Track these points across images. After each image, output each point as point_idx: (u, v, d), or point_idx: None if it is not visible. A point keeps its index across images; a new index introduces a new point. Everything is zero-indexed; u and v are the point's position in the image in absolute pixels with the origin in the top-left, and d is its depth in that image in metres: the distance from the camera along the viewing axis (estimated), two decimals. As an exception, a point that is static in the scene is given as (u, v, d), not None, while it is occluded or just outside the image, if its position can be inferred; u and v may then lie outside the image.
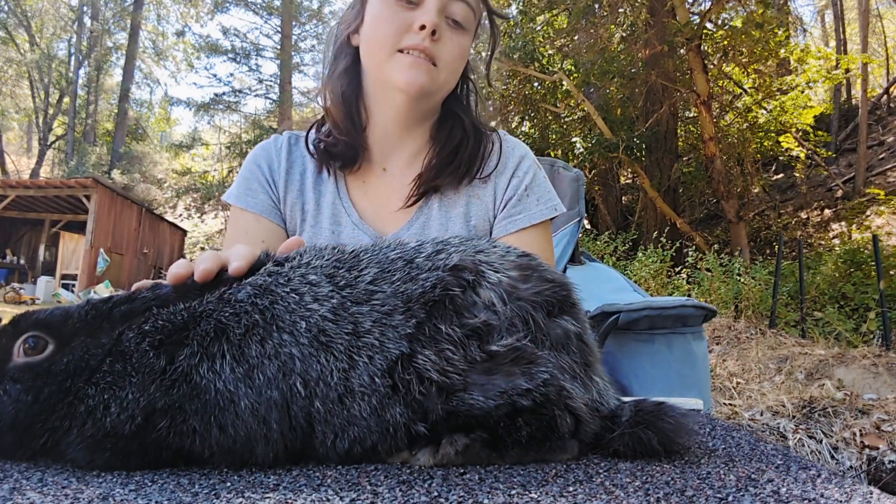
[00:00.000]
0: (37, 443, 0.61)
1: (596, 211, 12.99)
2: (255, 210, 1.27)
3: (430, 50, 1.14)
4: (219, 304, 0.65)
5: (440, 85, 1.19)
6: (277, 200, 1.29)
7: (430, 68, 1.15)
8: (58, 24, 27.84)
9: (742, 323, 6.67)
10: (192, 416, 0.61)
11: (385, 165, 1.30)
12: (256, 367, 0.62)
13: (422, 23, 1.12)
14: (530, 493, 0.54)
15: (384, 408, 0.63)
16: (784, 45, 10.57)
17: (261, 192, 1.28)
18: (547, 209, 1.29)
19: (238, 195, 1.28)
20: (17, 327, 0.63)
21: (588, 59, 10.69)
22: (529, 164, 1.33)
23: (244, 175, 1.31)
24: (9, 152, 28.99)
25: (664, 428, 0.69)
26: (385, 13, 1.16)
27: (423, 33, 1.12)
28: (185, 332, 0.63)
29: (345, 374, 0.63)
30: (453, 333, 0.65)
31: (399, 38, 1.14)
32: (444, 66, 1.17)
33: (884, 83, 17.76)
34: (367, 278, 0.70)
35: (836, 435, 3.00)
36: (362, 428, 0.63)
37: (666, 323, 1.72)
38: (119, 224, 16.07)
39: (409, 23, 1.14)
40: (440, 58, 1.16)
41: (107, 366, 0.61)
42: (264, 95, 24.68)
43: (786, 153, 11.61)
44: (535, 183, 1.31)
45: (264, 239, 1.25)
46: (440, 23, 1.14)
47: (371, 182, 1.29)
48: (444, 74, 1.18)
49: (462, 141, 1.26)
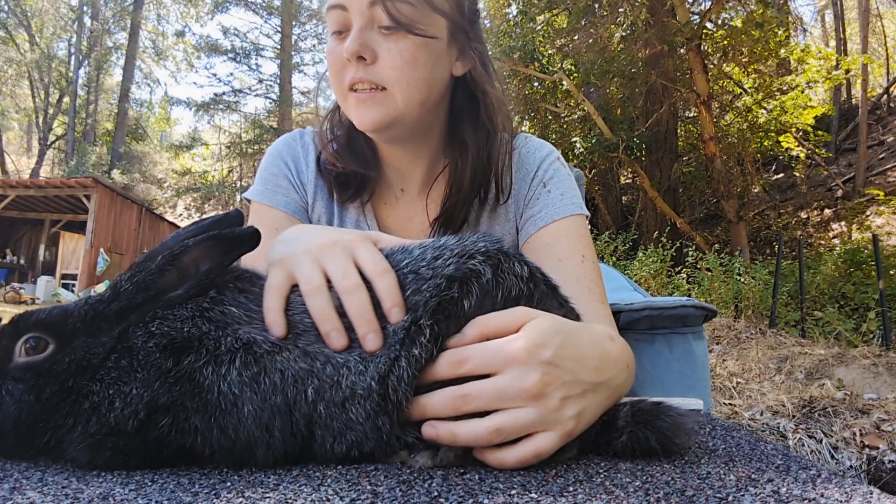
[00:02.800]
0: (39, 442, 0.61)
1: (596, 211, 12.99)
2: (288, 210, 1.18)
3: (369, 79, 1.00)
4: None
5: (401, 109, 1.03)
6: (306, 204, 1.21)
7: (377, 98, 1.02)
8: (58, 24, 27.84)
9: (742, 323, 6.67)
10: (193, 415, 0.61)
11: (402, 187, 1.22)
12: (264, 372, 0.63)
13: (345, 55, 0.99)
14: (530, 493, 0.54)
15: (377, 414, 0.63)
16: (784, 45, 10.57)
17: (292, 190, 1.20)
18: (573, 204, 1.16)
19: (265, 192, 1.19)
20: (17, 328, 0.63)
21: (588, 59, 10.68)
22: (551, 162, 1.22)
23: (270, 171, 1.21)
24: (9, 152, 28.99)
25: (662, 427, 0.69)
26: (328, 52, 1.05)
27: (353, 64, 1.00)
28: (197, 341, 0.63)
29: (353, 379, 0.64)
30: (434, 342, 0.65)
31: (342, 78, 1.03)
32: (395, 84, 1.01)
33: (884, 83, 17.76)
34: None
35: (836, 435, 3.00)
36: (359, 433, 0.63)
37: (666, 323, 1.72)
38: (119, 224, 16.07)
39: (343, 57, 1.01)
40: (385, 80, 1.00)
41: (111, 362, 0.62)
42: (264, 95, 24.68)
43: (786, 153, 11.60)
44: (557, 178, 1.19)
45: None
46: (368, 43, 0.99)
47: (392, 203, 1.23)
48: (400, 94, 1.01)
49: (466, 163, 1.13)
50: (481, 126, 1.14)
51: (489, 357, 0.62)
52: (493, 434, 0.61)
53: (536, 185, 1.19)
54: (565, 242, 1.13)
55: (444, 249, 0.71)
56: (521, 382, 0.61)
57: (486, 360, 0.62)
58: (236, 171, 25.16)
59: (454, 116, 1.16)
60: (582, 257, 1.12)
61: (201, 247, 0.65)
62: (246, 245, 0.69)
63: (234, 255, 0.69)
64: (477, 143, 1.13)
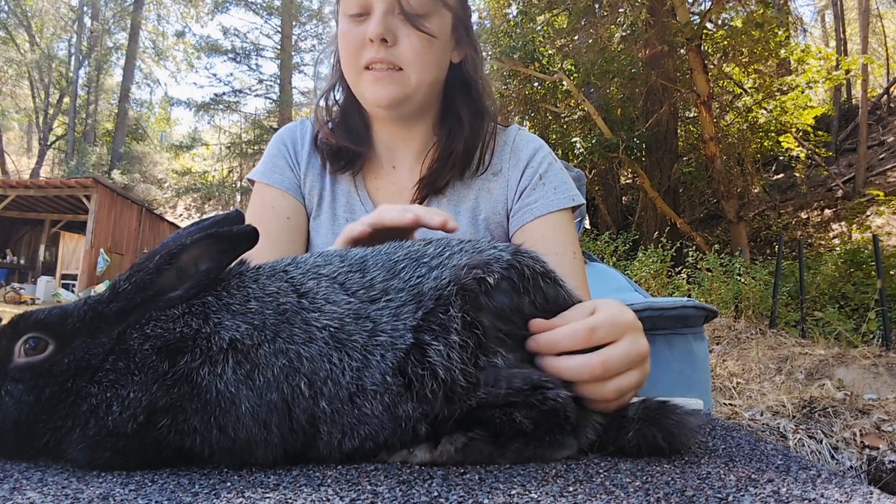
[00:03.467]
0: (39, 442, 0.61)
1: (596, 211, 13.00)
2: (282, 187, 1.29)
3: (389, 59, 1.13)
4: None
5: (414, 87, 1.16)
6: (299, 179, 1.31)
7: (395, 77, 1.14)
8: (58, 24, 27.85)
9: (742, 323, 6.67)
10: (192, 416, 0.61)
11: (394, 163, 1.31)
12: (259, 369, 0.62)
13: (369, 36, 1.11)
14: (530, 493, 0.54)
15: (396, 404, 0.63)
16: (784, 45, 10.58)
17: (287, 169, 1.31)
18: (565, 198, 1.25)
19: (265, 172, 1.31)
20: (16, 328, 0.63)
21: (588, 59, 10.68)
22: (544, 155, 1.30)
23: (270, 153, 1.33)
24: (9, 152, 28.99)
25: (668, 425, 0.70)
26: (343, 33, 1.16)
27: (375, 45, 1.11)
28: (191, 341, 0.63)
29: (357, 373, 0.64)
30: (463, 326, 0.65)
31: (359, 57, 1.14)
32: (410, 66, 1.14)
33: (884, 83, 17.77)
34: (378, 278, 0.71)
35: (836, 435, 3.00)
36: (374, 426, 0.63)
37: (667, 323, 1.72)
38: (119, 224, 16.07)
39: (363, 37, 1.13)
40: (403, 61, 1.13)
41: (109, 364, 0.62)
42: (264, 95, 24.67)
43: (786, 153, 11.60)
44: (551, 172, 1.28)
45: (289, 216, 1.28)
46: (390, 27, 1.11)
47: (383, 178, 1.31)
48: (415, 75, 1.15)
49: (460, 138, 1.25)
50: (474, 107, 1.27)
51: (614, 327, 0.72)
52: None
53: (531, 174, 1.27)
54: (560, 237, 1.23)
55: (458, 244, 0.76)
56: (638, 346, 0.73)
57: (612, 329, 0.72)
58: (236, 172, 25.17)
59: (447, 98, 1.28)
60: (573, 254, 1.23)
61: (199, 245, 0.65)
62: (244, 243, 0.68)
63: (232, 254, 0.69)
64: (471, 120, 1.25)
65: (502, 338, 0.67)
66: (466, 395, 0.64)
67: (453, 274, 0.69)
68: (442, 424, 0.64)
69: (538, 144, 1.33)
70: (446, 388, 0.63)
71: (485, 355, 0.65)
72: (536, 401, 0.65)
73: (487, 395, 0.64)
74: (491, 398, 0.64)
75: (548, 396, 0.65)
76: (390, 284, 0.70)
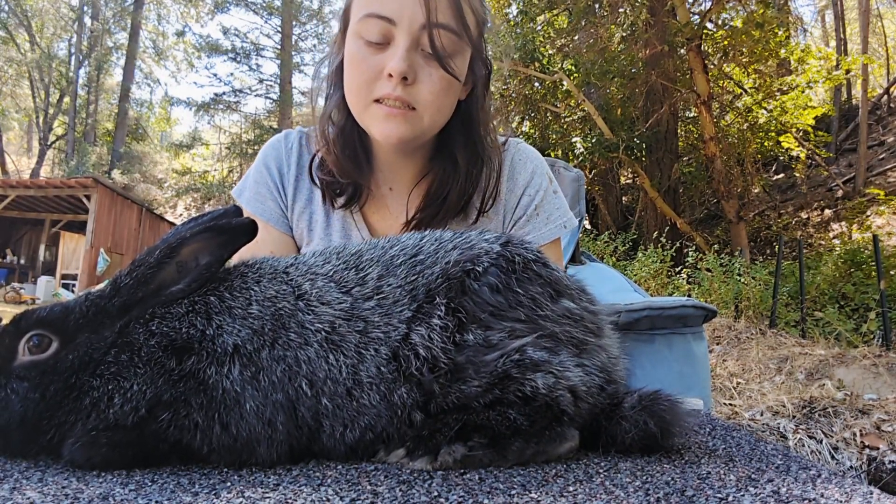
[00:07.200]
0: (44, 439, 0.61)
1: (596, 211, 12.98)
2: (264, 217, 1.25)
3: (404, 97, 1.04)
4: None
5: (426, 129, 1.09)
6: (285, 208, 1.26)
7: (408, 116, 1.06)
8: (58, 24, 27.82)
9: (742, 323, 6.67)
10: (196, 411, 0.62)
11: (391, 185, 1.27)
12: (263, 372, 0.64)
13: (389, 71, 1.01)
14: (530, 493, 0.54)
15: (391, 392, 0.66)
16: (784, 45, 10.56)
17: (269, 198, 1.25)
18: (556, 227, 1.25)
19: (249, 198, 1.26)
20: (19, 326, 0.63)
21: (588, 59, 10.67)
22: (541, 181, 1.27)
23: (254, 178, 1.28)
24: (9, 152, 28.98)
25: (660, 411, 0.71)
26: (357, 58, 1.06)
27: (394, 81, 1.02)
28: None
29: (353, 369, 0.66)
30: (447, 312, 0.68)
31: (371, 88, 1.05)
32: (426, 107, 1.06)
33: (884, 83, 17.75)
34: (373, 275, 0.74)
35: (836, 435, 3.00)
36: (372, 416, 0.65)
37: (666, 323, 1.72)
38: (119, 224, 16.06)
39: (380, 68, 1.03)
40: (419, 101, 1.05)
41: (112, 357, 0.62)
42: (264, 95, 24.66)
43: (786, 153, 11.60)
44: (546, 201, 1.26)
45: (273, 249, 1.24)
46: (412, 64, 1.02)
47: (379, 200, 1.27)
48: (429, 117, 1.07)
49: (455, 183, 1.18)
50: (471, 150, 1.19)
51: None
52: None
53: (527, 204, 1.26)
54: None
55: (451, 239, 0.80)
56: None
57: None
58: (236, 171, 25.15)
59: (446, 129, 1.20)
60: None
61: (198, 239, 0.66)
62: (243, 236, 0.69)
63: (232, 247, 0.69)
64: (467, 165, 1.18)
65: (486, 318, 0.69)
66: (448, 378, 0.67)
67: (444, 270, 0.72)
68: (438, 428, 0.65)
69: (535, 165, 1.29)
70: (428, 364, 0.66)
71: (460, 334, 0.69)
72: (516, 397, 0.66)
73: (464, 391, 0.67)
74: (465, 398, 0.67)
75: (525, 386, 0.67)
76: (386, 281, 0.72)
